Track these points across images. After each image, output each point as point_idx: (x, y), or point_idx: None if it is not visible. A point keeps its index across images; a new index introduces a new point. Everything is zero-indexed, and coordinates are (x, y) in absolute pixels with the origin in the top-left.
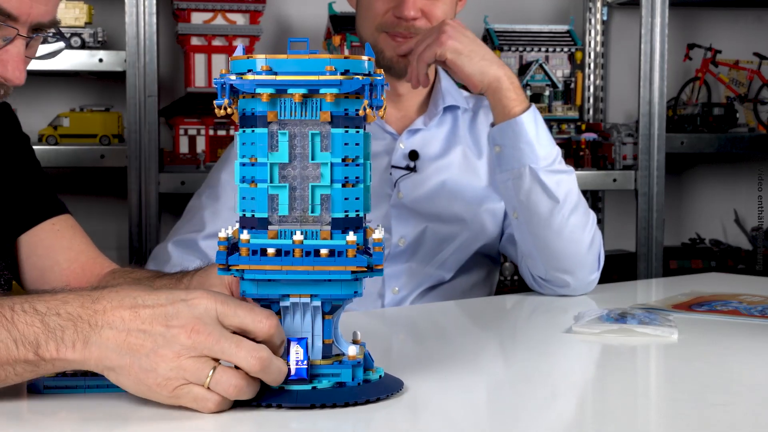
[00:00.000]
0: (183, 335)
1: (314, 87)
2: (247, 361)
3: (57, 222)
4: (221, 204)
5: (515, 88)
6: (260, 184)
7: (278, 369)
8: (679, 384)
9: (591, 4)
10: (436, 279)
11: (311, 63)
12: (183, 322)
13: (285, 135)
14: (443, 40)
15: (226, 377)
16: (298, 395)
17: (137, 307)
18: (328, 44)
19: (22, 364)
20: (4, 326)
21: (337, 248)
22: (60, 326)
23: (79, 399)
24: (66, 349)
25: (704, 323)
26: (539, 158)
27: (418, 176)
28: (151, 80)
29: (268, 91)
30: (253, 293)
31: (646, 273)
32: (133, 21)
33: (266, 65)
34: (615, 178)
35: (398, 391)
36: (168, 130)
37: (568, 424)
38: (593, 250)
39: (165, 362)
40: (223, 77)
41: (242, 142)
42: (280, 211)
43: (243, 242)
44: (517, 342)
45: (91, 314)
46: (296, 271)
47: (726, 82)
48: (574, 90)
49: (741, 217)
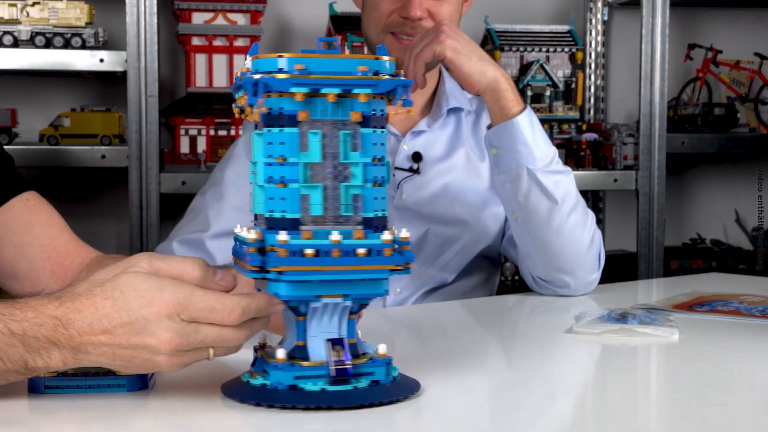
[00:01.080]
0: (167, 345)
1: (349, 87)
2: (234, 332)
3: (30, 197)
4: (225, 203)
5: (513, 89)
6: (291, 184)
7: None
8: (679, 384)
9: (592, 5)
10: (438, 281)
11: (345, 63)
12: (162, 335)
13: (317, 134)
14: (442, 39)
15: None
16: (343, 396)
17: (107, 330)
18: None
19: (13, 374)
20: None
21: (375, 247)
22: (43, 347)
23: (80, 399)
24: (55, 362)
25: (705, 323)
26: (536, 159)
27: (421, 178)
28: (152, 80)
29: (303, 90)
30: (287, 295)
31: (646, 273)
32: (133, 21)
33: (301, 64)
34: (616, 178)
35: (419, 389)
36: (168, 131)
37: (569, 424)
38: (593, 250)
39: (164, 363)
40: (245, 75)
41: (268, 141)
42: (313, 210)
43: (281, 243)
44: (518, 342)
45: (68, 339)
46: (332, 271)
47: (727, 82)
48: (575, 90)
49: (742, 217)
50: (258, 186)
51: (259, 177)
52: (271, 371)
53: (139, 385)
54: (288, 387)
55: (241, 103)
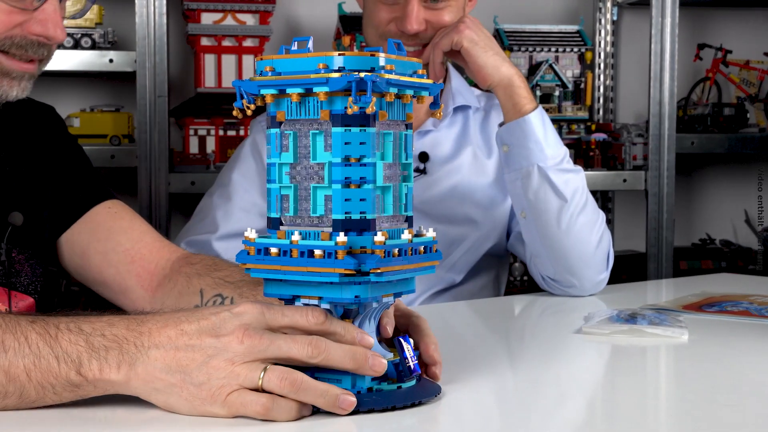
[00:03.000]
0: (234, 342)
1: (308, 86)
2: (304, 349)
3: (112, 205)
4: (232, 204)
5: (526, 87)
6: (271, 184)
7: (341, 353)
8: (689, 385)
9: (601, 4)
10: (447, 282)
11: (308, 62)
12: (232, 329)
13: (290, 135)
14: (461, 28)
15: (277, 372)
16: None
17: (182, 323)
18: (337, 44)
19: (62, 383)
20: (48, 343)
21: (327, 249)
22: (105, 347)
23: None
24: (110, 369)
25: (714, 324)
26: (547, 157)
27: (428, 178)
28: (161, 80)
29: (271, 92)
30: (270, 293)
31: (656, 273)
32: (143, 21)
33: (270, 66)
34: (625, 178)
35: (440, 392)
36: (178, 131)
37: (578, 424)
38: (601, 251)
39: (218, 371)
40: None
41: (268, 143)
42: (290, 211)
43: (247, 240)
44: (527, 342)
45: (137, 336)
46: (299, 272)
47: (736, 82)
48: (584, 90)
49: (751, 218)
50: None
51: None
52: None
53: None
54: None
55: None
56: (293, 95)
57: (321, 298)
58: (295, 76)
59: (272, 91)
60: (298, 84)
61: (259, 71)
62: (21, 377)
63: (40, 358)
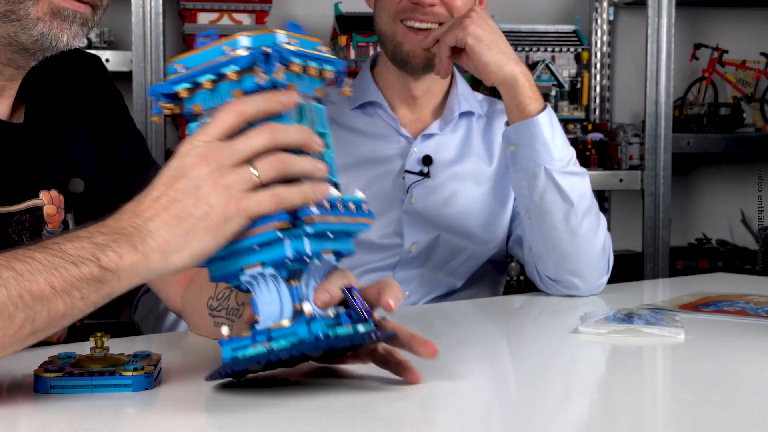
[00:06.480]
0: (204, 168)
1: (216, 70)
2: (262, 136)
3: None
4: None
5: (531, 86)
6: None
7: (296, 131)
8: (685, 384)
9: (597, 4)
10: (447, 287)
11: (214, 51)
12: (193, 163)
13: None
14: (466, 24)
15: (264, 158)
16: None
17: (148, 194)
18: (334, 44)
19: (86, 282)
20: (56, 254)
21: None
22: (110, 240)
23: (86, 399)
24: (127, 253)
25: (711, 323)
26: (554, 159)
27: (431, 182)
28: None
29: (185, 86)
30: (216, 276)
31: (652, 273)
32: (139, 21)
33: (180, 64)
34: (621, 178)
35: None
36: (174, 130)
37: (575, 424)
38: (604, 254)
39: (214, 194)
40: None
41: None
42: None
43: None
44: (524, 342)
45: (128, 222)
46: (238, 240)
47: (733, 82)
48: (581, 90)
49: (748, 217)
50: None
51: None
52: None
53: (145, 386)
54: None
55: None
56: (206, 83)
57: (263, 264)
58: (204, 64)
59: (186, 86)
60: (208, 70)
61: (171, 72)
62: (46, 291)
63: (57, 268)
